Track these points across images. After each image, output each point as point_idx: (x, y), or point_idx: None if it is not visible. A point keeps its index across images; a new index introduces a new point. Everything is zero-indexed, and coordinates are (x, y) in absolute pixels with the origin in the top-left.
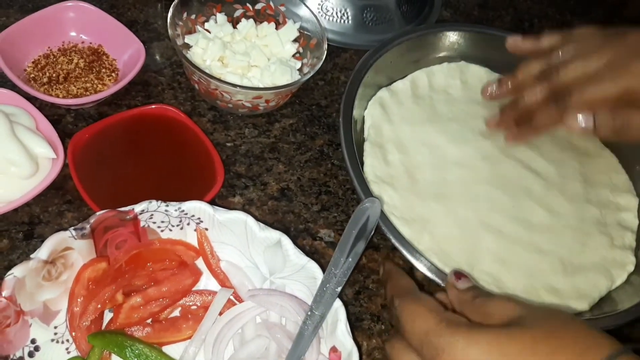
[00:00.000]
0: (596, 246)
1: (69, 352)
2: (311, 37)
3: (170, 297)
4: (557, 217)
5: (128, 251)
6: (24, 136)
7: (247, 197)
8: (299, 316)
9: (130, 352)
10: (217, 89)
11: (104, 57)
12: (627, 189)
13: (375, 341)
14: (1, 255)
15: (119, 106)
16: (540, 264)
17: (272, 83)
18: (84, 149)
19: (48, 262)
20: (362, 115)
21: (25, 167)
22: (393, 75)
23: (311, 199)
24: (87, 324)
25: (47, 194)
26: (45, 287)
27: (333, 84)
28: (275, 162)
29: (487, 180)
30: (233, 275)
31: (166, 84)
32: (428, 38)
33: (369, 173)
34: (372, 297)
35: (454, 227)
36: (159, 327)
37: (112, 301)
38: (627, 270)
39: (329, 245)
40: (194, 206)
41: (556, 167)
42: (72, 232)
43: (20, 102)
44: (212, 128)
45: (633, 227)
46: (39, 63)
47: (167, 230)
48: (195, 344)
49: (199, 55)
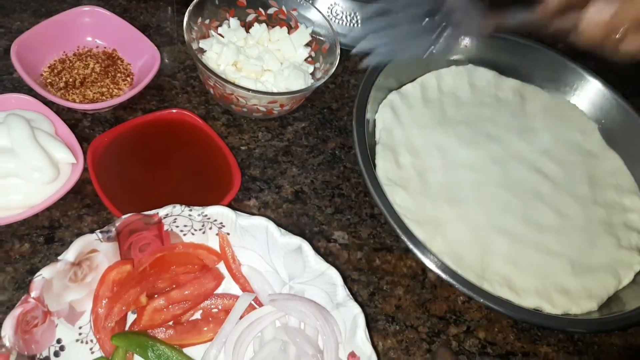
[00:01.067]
0: (604, 247)
1: (92, 352)
2: (324, 42)
3: (192, 300)
4: (565, 219)
5: (152, 254)
6: (45, 142)
7: (262, 200)
8: (318, 321)
9: (152, 352)
10: (233, 93)
11: (119, 62)
12: (632, 190)
13: (390, 341)
14: (23, 259)
15: (134, 110)
16: (550, 264)
17: (285, 87)
18: (103, 154)
19: (74, 264)
20: (373, 118)
21: (48, 172)
22: (402, 78)
23: (325, 202)
24: (111, 325)
25: (67, 198)
26: (71, 289)
27: (343, 87)
28: (289, 165)
29: (498, 183)
30: (254, 280)
31: (180, 88)
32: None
33: (381, 176)
34: (387, 298)
35: (466, 229)
36: (181, 329)
37: (136, 303)
38: (634, 270)
39: (343, 247)
40: (216, 211)
41: (563, 169)
42: (98, 234)
43: (39, 108)
44: (227, 132)
45: (639, 227)
46: (55, 68)
47: (189, 234)
48: (216, 346)
49: (213, 60)
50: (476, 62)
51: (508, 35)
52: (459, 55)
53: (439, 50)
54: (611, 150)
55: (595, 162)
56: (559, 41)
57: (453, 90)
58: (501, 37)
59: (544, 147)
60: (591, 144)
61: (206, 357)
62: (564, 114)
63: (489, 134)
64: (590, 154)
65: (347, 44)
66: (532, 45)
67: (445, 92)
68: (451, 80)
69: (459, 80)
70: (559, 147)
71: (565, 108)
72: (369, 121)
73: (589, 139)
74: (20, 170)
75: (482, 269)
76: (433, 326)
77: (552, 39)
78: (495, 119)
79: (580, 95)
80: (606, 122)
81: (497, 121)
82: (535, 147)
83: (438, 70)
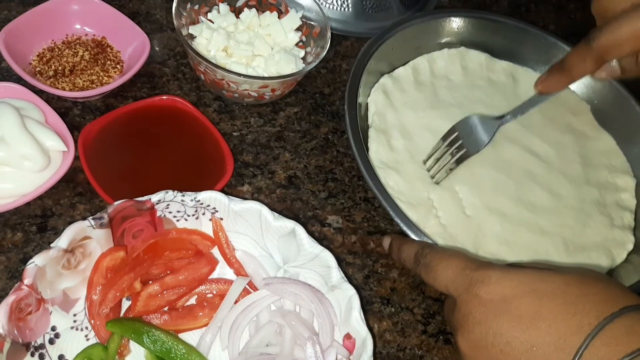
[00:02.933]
0: (597, 226)
1: (88, 339)
2: (314, 26)
3: (187, 285)
4: (558, 199)
5: (145, 240)
6: (35, 130)
7: (256, 186)
8: (313, 304)
9: (147, 338)
10: (224, 79)
11: (109, 50)
12: (625, 170)
13: (385, 323)
14: (16, 249)
15: (125, 98)
16: (543, 244)
17: (276, 72)
18: (94, 141)
19: (67, 251)
20: (365, 102)
21: (39, 160)
22: (394, 62)
23: (318, 186)
24: (106, 312)
25: (58, 186)
26: (64, 276)
27: (335, 71)
28: (282, 150)
29: (491, 164)
30: (248, 265)
31: (171, 75)
32: (429, 24)
33: (374, 159)
34: (381, 281)
35: (459, 210)
36: (176, 315)
37: (130, 289)
38: (627, 249)
39: (338, 231)
40: (209, 196)
41: (556, 149)
42: (90, 221)
43: (28, 96)
44: (218, 118)
45: (631, 207)
46: (44, 56)
47: (182, 220)
48: (212, 331)
49: (204, 46)
50: (468, 45)
51: (500, 17)
52: (451, 37)
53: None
54: (603, 131)
55: (587, 143)
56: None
57: (445, 73)
58: (493, 19)
59: (536, 128)
60: (583, 125)
61: (202, 342)
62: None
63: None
64: (582, 134)
65: (338, 29)
66: (524, 27)
67: (438, 75)
68: (443, 63)
69: (451, 63)
70: (552, 128)
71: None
72: (360, 105)
73: (581, 119)
74: (10, 159)
75: (475, 249)
76: (428, 307)
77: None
78: (487, 101)
79: None
80: (598, 103)
81: (489, 103)
82: (528, 129)
83: (430, 54)
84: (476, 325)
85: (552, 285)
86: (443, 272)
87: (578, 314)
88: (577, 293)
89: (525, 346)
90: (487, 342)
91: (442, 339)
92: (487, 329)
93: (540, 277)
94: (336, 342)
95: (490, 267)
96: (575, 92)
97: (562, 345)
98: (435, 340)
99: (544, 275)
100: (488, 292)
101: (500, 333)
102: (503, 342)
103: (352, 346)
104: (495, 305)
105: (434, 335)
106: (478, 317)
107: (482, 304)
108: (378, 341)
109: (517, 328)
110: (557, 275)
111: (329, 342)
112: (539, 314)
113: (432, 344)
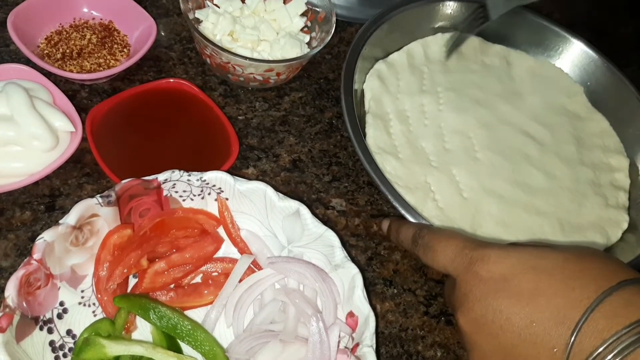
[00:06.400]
0: (592, 206)
1: (95, 314)
2: (319, 12)
3: (192, 263)
4: (554, 180)
5: (152, 219)
6: (43, 110)
7: (261, 169)
8: (317, 283)
9: (153, 314)
10: (230, 62)
11: (115, 33)
12: (618, 150)
13: (388, 304)
14: (25, 227)
15: (131, 81)
16: (540, 225)
17: (282, 56)
18: (102, 123)
19: (76, 227)
20: (361, 88)
21: (47, 140)
22: (388, 47)
23: (322, 170)
24: (113, 287)
25: (66, 167)
26: (72, 252)
27: (340, 57)
28: (286, 134)
29: (487, 146)
30: (252, 244)
31: (177, 59)
32: (422, 9)
33: (372, 144)
34: (384, 263)
35: (456, 193)
36: (182, 292)
37: (137, 266)
38: (622, 228)
39: (341, 214)
40: (215, 176)
41: (550, 131)
42: (98, 199)
43: (37, 78)
44: (224, 102)
45: (625, 186)
46: (52, 39)
47: (188, 200)
48: (217, 309)
49: (210, 30)
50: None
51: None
52: (444, 22)
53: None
54: (597, 112)
55: (581, 124)
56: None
57: (440, 58)
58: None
59: (531, 110)
60: (577, 107)
61: (207, 319)
62: (549, 77)
63: (476, 99)
64: (576, 116)
65: (342, 15)
66: (517, 10)
67: (432, 60)
68: (437, 47)
69: (445, 47)
70: (546, 110)
71: (551, 72)
72: (357, 91)
73: (575, 101)
74: (20, 138)
75: (472, 230)
76: (430, 289)
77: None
78: (482, 84)
79: (565, 58)
80: (591, 85)
81: (484, 87)
82: (522, 111)
83: (424, 38)
84: (476, 303)
85: (551, 262)
86: (442, 252)
87: (577, 288)
88: (576, 268)
89: (525, 321)
90: (487, 319)
91: (443, 320)
92: (486, 306)
93: (539, 254)
94: (339, 319)
95: (489, 245)
96: (569, 74)
97: (562, 319)
98: (437, 321)
99: (542, 252)
100: (487, 270)
101: (500, 310)
102: (503, 318)
103: (355, 324)
104: (494, 282)
105: (436, 316)
106: (478, 294)
107: (481, 282)
108: (380, 321)
109: (517, 304)
110: (556, 252)
111: (332, 320)
112: (538, 290)
113: (433, 325)
